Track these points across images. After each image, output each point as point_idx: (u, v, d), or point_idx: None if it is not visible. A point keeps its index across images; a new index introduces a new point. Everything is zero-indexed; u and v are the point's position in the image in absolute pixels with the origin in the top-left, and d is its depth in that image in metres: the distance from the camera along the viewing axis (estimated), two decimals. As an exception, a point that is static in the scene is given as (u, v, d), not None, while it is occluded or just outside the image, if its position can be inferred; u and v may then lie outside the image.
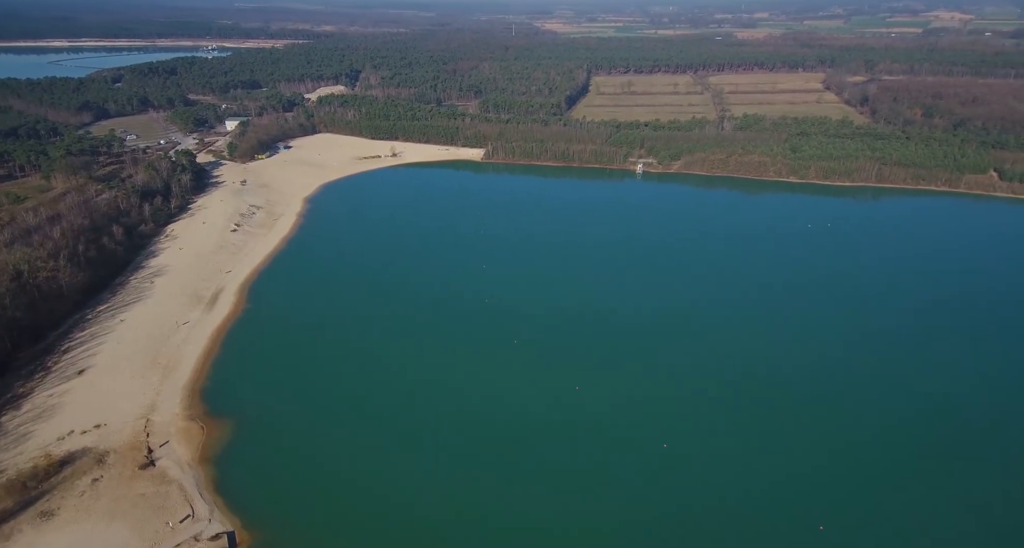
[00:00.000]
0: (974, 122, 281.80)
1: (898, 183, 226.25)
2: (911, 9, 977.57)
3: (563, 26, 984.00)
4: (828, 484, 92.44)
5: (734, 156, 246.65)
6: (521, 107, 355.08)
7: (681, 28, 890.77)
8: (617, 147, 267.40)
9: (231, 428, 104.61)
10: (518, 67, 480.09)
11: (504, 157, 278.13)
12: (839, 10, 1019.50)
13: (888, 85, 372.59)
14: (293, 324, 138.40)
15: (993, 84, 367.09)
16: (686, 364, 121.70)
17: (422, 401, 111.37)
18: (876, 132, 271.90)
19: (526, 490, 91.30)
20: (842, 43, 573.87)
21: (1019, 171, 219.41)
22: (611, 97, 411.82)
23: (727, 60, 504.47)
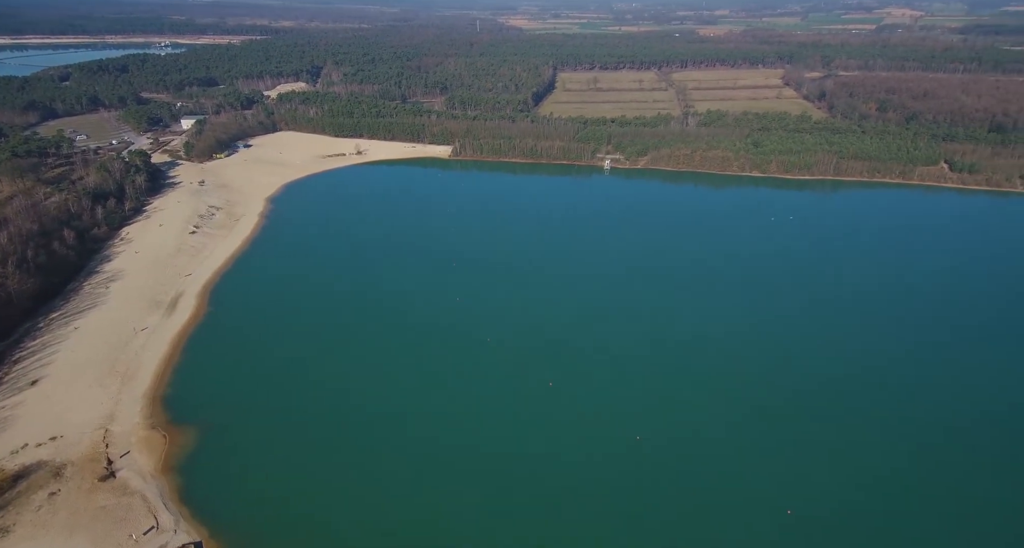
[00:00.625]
0: (925, 116, 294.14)
1: (855, 176, 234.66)
2: (865, 6, 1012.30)
3: (528, 22, 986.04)
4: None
5: (699, 151, 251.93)
6: (488, 104, 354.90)
7: (645, 25, 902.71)
8: (585, 143, 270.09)
9: (195, 436, 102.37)
10: (484, 63, 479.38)
11: (472, 154, 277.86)
12: (796, 7, 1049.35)
13: (844, 80, 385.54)
14: (257, 328, 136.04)
15: (942, 79, 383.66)
16: (658, 360, 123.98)
17: (391, 405, 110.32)
18: (833, 126, 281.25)
19: (498, 496, 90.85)
20: (799, 40, 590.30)
21: (968, 163, 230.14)
22: (577, 93, 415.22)
23: (690, 56, 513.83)
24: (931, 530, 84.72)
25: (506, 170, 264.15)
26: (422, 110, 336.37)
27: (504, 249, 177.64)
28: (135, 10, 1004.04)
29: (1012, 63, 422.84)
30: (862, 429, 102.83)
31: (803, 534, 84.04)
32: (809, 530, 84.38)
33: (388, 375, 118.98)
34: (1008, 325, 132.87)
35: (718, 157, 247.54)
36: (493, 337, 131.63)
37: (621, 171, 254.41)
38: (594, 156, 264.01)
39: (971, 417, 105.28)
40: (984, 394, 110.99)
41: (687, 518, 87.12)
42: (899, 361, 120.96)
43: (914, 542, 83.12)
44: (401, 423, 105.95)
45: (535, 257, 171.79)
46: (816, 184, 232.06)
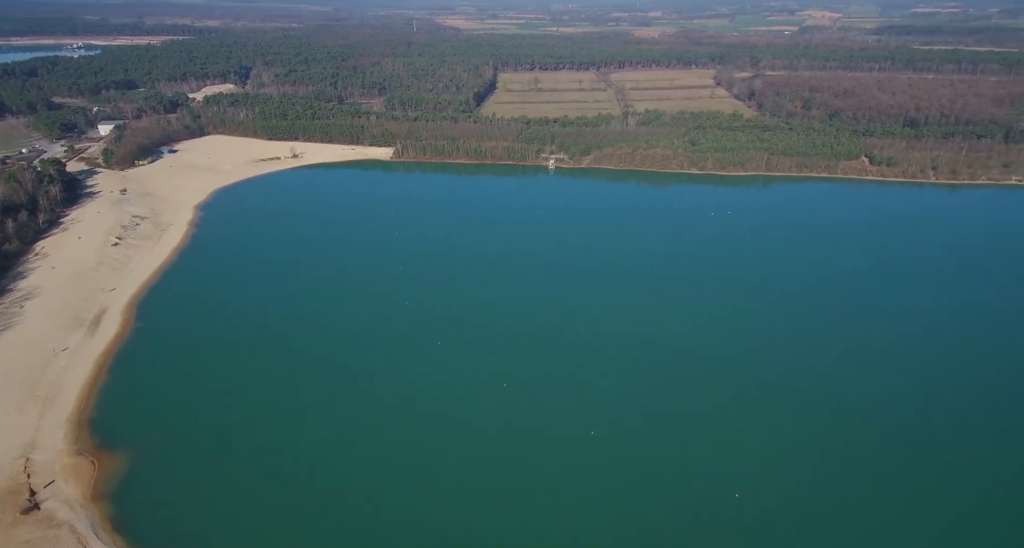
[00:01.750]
0: (846, 113, 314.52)
1: (785, 171, 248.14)
2: (788, 8, 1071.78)
3: (465, 22, 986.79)
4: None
5: (640, 150, 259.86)
6: (429, 104, 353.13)
7: (582, 26, 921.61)
8: (529, 143, 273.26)
9: (126, 460, 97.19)
10: (423, 63, 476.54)
11: (415, 155, 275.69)
12: (724, 9, 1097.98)
13: (771, 80, 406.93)
14: (188, 343, 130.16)
15: (860, 78, 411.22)
16: (610, 355, 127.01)
17: (334, 421, 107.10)
18: (763, 125, 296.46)
19: (448, 508, 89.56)
20: (729, 41, 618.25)
21: (885, 156, 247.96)
22: (519, 94, 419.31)
23: (627, 57, 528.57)
24: (873, 509, 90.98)
25: (451, 171, 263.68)
26: (361, 111, 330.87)
27: (453, 251, 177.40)
28: (43, 10, 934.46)
29: (922, 62, 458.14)
30: (805, 416, 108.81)
31: (751, 515, 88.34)
32: (755, 511, 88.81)
33: (330, 387, 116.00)
34: (932, 307, 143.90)
35: (658, 156, 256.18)
36: (444, 340, 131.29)
37: (566, 170, 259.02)
38: (539, 156, 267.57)
39: (904, 400, 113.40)
40: (914, 374, 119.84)
41: (641, 505, 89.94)
42: (836, 349, 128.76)
43: (858, 521, 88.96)
44: (346, 437, 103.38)
45: (485, 258, 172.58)
46: (750, 180, 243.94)
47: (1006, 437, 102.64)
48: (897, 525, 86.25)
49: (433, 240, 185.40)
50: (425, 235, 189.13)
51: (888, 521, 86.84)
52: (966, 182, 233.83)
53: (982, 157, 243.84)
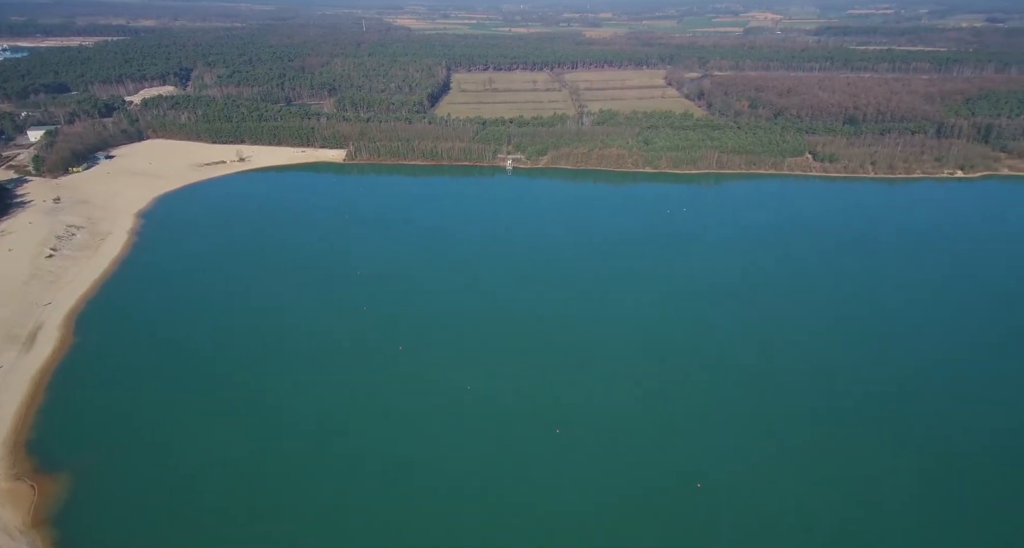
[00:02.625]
0: (790, 111, 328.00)
1: (735, 169, 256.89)
2: (732, 10, 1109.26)
3: (416, 22, 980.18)
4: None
5: (596, 150, 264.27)
6: (382, 105, 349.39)
7: (534, 26, 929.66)
8: (485, 144, 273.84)
9: (69, 483, 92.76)
10: (373, 63, 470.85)
11: (368, 157, 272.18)
12: (672, 11, 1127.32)
13: (719, 80, 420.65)
14: (132, 358, 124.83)
15: (802, 77, 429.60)
16: (573, 354, 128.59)
17: (284, 435, 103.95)
18: (713, 123, 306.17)
19: (412, 523, 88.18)
20: (677, 42, 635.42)
21: (828, 153, 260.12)
22: (474, 94, 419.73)
23: (580, 58, 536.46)
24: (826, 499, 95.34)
25: (406, 173, 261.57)
26: (310, 112, 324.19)
27: (412, 253, 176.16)
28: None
29: (859, 61, 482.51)
30: (760, 407, 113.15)
31: (711, 503, 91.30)
32: (716, 500, 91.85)
33: (281, 400, 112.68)
34: (877, 298, 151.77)
35: (613, 155, 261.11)
36: (405, 344, 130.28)
37: (524, 171, 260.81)
38: (495, 156, 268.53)
39: (856, 394, 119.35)
40: (867, 365, 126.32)
41: (605, 498, 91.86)
42: (794, 338, 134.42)
43: (811, 508, 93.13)
44: (298, 451, 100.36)
45: (447, 260, 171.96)
46: (702, 177, 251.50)
47: (938, 431, 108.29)
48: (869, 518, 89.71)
49: (391, 243, 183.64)
50: (382, 238, 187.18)
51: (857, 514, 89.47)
52: (902, 176, 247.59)
53: (916, 152, 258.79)
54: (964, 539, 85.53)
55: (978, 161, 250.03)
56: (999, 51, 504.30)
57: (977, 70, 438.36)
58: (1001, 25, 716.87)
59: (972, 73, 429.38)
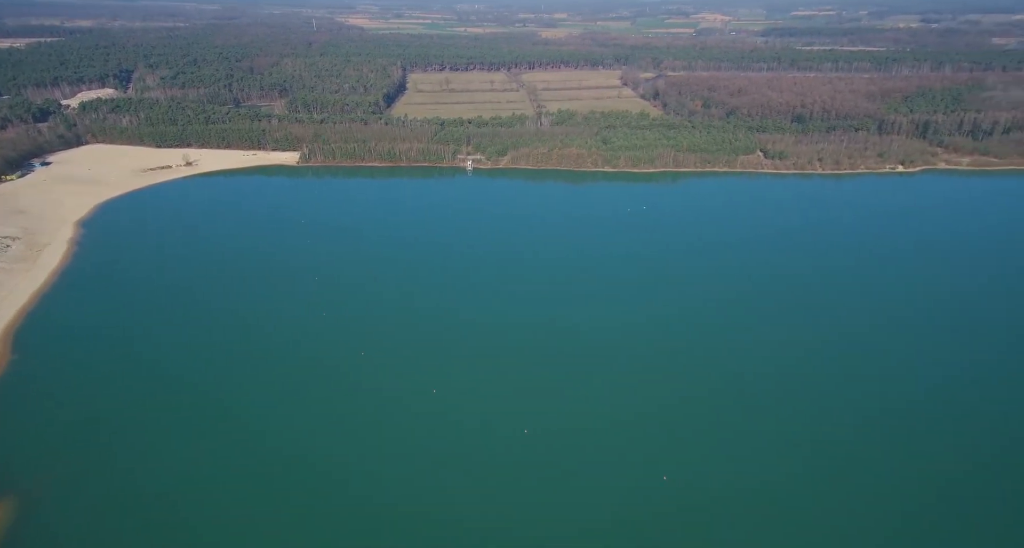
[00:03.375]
0: (741, 110, 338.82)
1: (690, 167, 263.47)
2: (683, 11, 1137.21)
3: (369, 21, 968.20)
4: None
5: (555, 150, 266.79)
6: (336, 106, 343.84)
7: (489, 26, 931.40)
8: (444, 144, 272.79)
9: (13, 508, 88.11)
10: (326, 64, 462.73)
11: (324, 160, 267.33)
12: (625, 12, 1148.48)
13: (673, 80, 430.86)
14: (75, 374, 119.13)
15: (752, 77, 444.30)
16: (541, 355, 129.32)
17: (249, 448, 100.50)
18: (668, 123, 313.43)
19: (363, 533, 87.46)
20: (632, 42, 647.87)
21: (778, 150, 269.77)
22: (431, 94, 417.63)
23: (536, 58, 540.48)
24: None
25: (364, 175, 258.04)
26: (261, 114, 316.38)
27: (372, 258, 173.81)
28: None
29: (805, 61, 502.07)
30: (727, 401, 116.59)
31: (676, 496, 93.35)
32: (682, 493, 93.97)
33: (234, 417, 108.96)
34: (833, 289, 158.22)
35: (573, 155, 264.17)
36: (368, 349, 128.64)
37: (484, 171, 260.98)
38: (455, 157, 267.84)
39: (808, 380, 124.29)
40: (825, 351, 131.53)
41: (572, 493, 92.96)
42: (753, 331, 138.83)
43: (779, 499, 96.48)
44: (254, 472, 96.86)
45: (410, 263, 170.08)
46: (660, 176, 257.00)
47: (904, 430, 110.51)
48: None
49: (350, 247, 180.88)
50: (341, 242, 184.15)
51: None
52: (847, 171, 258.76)
53: (860, 148, 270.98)
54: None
55: (917, 156, 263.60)
56: (934, 50, 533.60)
57: (914, 69, 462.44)
58: (935, 25, 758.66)
59: (910, 72, 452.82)
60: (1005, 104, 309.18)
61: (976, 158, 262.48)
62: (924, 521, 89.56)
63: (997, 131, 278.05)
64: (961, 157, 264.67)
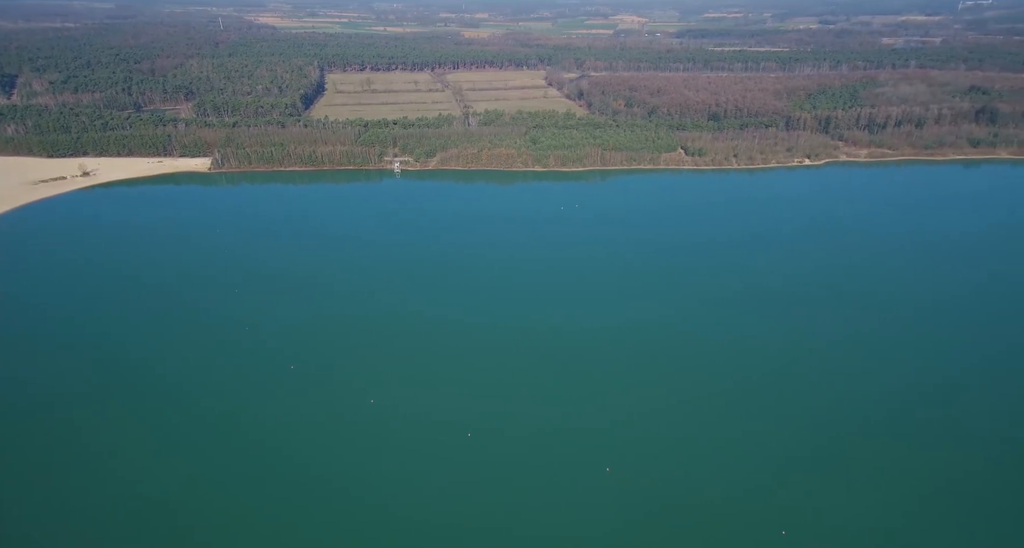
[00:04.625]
0: (662, 109, 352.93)
1: (618, 165, 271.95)
2: (602, 13, 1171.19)
3: (281, 20, 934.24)
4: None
5: (484, 150, 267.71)
6: (249, 108, 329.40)
7: (410, 26, 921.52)
8: (369, 146, 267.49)
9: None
10: (236, 64, 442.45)
11: (238, 165, 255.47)
12: (546, 12, 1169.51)
13: (596, 80, 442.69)
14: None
15: (670, 77, 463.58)
16: (482, 358, 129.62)
17: (160, 489, 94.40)
18: (594, 122, 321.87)
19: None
20: (554, 43, 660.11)
21: (697, 147, 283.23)
22: (352, 95, 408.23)
23: (460, 58, 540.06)
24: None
25: (284, 180, 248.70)
26: (166, 118, 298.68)
27: (304, 264, 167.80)
28: None
29: (717, 62, 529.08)
30: (668, 396, 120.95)
31: (619, 488, 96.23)
32: (625, 486, 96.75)
33: (156, 451, 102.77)
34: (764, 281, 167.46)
35: (503, 155, 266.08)
36: (297, 363, 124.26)
37: (413, 173, 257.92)
38: (381, 159, 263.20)
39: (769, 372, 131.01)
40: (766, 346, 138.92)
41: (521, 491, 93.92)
42: (683, 324, 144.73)
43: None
44: (164, 500, 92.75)
45: (338, 272, 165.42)
46: (589, 174, 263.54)
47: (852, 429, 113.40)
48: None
49: (277, 254, 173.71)
50: (266, 250, 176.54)
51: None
52: (760, 166, 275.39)
53: (770, 144, 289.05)
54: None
55: (821, 150, 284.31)
56: (831, 50, 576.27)
57: (815, 68, 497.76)
58: (831, 27, 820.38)
59: (811, 71, 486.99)
60: (895, 100, 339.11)
61: (872, 150, 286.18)
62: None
63: (890, 125, 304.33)
64: (859, 150, 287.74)
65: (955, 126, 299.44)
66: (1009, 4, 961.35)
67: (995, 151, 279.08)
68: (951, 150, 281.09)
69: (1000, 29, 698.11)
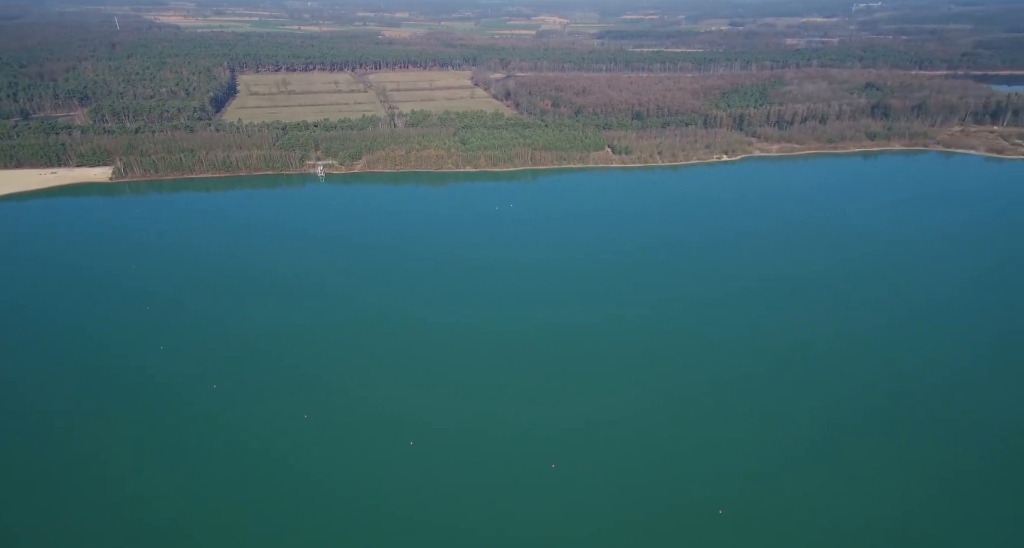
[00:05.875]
0: (588, 109, 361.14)
1: (548, 164, 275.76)
2: (524, 14, 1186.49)
3: (185, 19, 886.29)
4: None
5: (413, 152, 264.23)
6: (153, 113, 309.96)
7: (326, 24, 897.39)
8: (289, 150, 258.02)
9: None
10: (136, 66, 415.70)
11: (143, 174, 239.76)
12: (468, 12, 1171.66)
13: (522, 80, 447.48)
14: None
15: (594, 77, 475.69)
16: (412, 362, 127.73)
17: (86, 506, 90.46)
18: (523, 122, 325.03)
19: None
20: (478, 43, 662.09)
21: (623, 146, 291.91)
22: (267, 97, 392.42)
23: (382, 58, 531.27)
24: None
25: (196, 188, 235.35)
26: (58, 126, 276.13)
27: (212, 278, 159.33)
28: None
29: (637, 62, 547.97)
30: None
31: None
32: (571, 477, 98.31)
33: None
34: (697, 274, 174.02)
35: (432, 156, 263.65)
36: (219, 384, 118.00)
37: (338, 177, 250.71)
38: (303, 163, 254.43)
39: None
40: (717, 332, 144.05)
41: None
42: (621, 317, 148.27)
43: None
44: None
45: (259, 283, 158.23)
46: (520, 174, 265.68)
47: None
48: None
49: (186, 268, 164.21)
50: (177, 266, 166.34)
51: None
52: (683, 162, 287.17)
53: (691, 141, 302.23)
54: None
55: (737, 146, 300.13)
56: (741, 51, 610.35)
57: (727, 68, 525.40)
58: (740, 28, 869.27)
59: (724, 71, 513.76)
60: (800, 97, 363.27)
61: (783, 145, 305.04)
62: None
63: (796, 121, 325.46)
64: (771, 145, 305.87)
65: (854, 121, 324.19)
66: (897, 6, 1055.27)
67: (889, 143, 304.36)
68: (851, 143, 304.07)
69: (889, 29, 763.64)
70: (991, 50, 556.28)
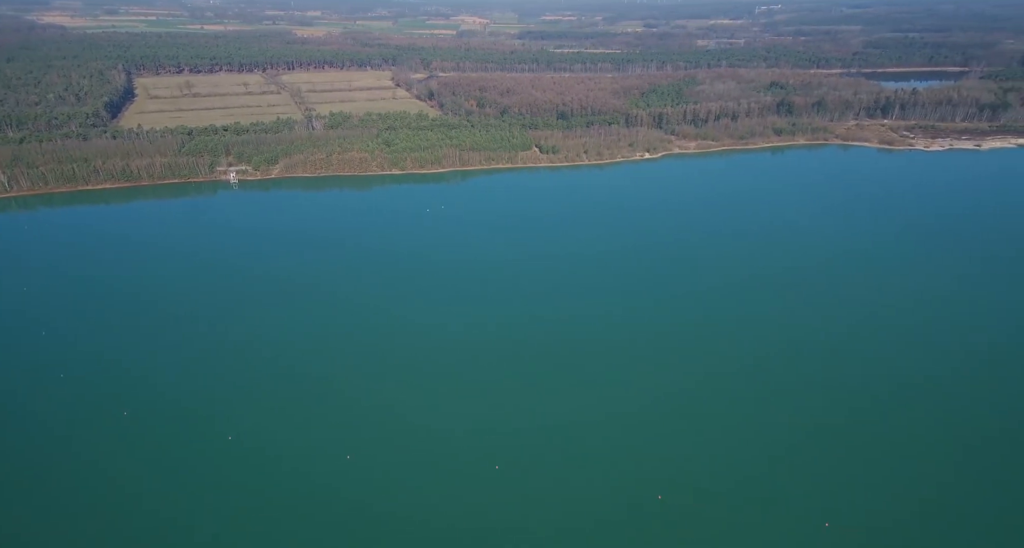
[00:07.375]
0: (513, 109, 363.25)
1: (476, 165, 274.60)
2: (442, 13, 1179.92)
3: (72, 19, 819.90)
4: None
5: (335, 155, 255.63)
6: (40, 121, 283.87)
7: (232, 23, 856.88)
8: (197, 156, 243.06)
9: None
10: (17, 71, 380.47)
11: (31, 187, 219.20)
12: (385, 11, 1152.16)
13: (445, 81, 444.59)
14: None
15: (517, 77, 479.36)
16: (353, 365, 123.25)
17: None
18: (448, 123, 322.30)
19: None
20: (397, 42, 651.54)
21: (550, 145, 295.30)
22: (169, 101, 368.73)
23: (295, 58, 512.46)
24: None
25: (93, 201, 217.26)
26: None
27: (115, 298, 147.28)
28: None
29: (559, 62, 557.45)
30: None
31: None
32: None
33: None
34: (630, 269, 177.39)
35: (355, 159, 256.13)
36: (130, 410, 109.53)
37: (253, 183, 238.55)
38: (214, 170, 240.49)
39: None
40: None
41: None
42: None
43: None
44: None
45: (173, 301, 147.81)
46: (449, 175, 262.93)
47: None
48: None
49: (88, 288, 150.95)
50: (76, 291, 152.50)
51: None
52: (608, 160, 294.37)
53: (615, 140, 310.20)
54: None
55: (658, 144, 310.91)
56: (657, 52, 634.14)
57: (644, 68, 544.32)
58: (655, 30, 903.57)
59: (641, 71, 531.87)
60: (712, 96, 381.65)
61: (700, 142, 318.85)
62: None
63: (711, 119, 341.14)
64: (688, 142, 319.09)
65: (762, 118, 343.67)
66: (796, 8, 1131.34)
67: (794, 138, 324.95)
68: (760, 139, 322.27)
69: (789, 30, 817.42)
70: (879, 49, 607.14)
